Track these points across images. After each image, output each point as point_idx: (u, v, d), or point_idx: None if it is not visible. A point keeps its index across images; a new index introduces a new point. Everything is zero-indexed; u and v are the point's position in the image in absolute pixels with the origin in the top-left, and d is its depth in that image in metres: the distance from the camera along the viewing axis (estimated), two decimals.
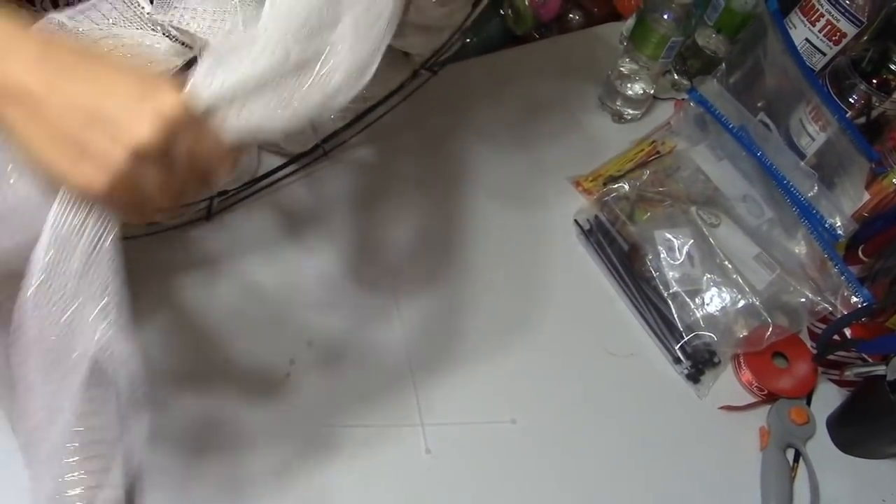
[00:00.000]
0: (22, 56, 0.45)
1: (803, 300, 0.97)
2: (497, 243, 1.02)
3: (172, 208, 0.50)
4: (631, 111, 1.16)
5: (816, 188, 1.01)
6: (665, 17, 1.08)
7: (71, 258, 0.49)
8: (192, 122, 0.48)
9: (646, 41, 1.10)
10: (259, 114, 0.51)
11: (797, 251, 1.00)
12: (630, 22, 1.20)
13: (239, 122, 0.50)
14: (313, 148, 1.00)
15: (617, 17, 1.33)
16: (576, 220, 1.05)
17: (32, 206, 0.49)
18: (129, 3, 0.60)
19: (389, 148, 1.06)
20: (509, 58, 1.21)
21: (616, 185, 1.05)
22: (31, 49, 0.46)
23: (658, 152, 1.11)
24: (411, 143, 1.07)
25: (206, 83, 0.49)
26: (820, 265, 0.98)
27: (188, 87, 0.49)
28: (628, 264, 1.00)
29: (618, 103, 1.16)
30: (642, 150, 1.11)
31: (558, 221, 1.06)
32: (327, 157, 1.02)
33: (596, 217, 1.04)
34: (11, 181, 0.49)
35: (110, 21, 0.59)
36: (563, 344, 0.96)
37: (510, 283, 0.99)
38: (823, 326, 0.97)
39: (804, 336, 0.99)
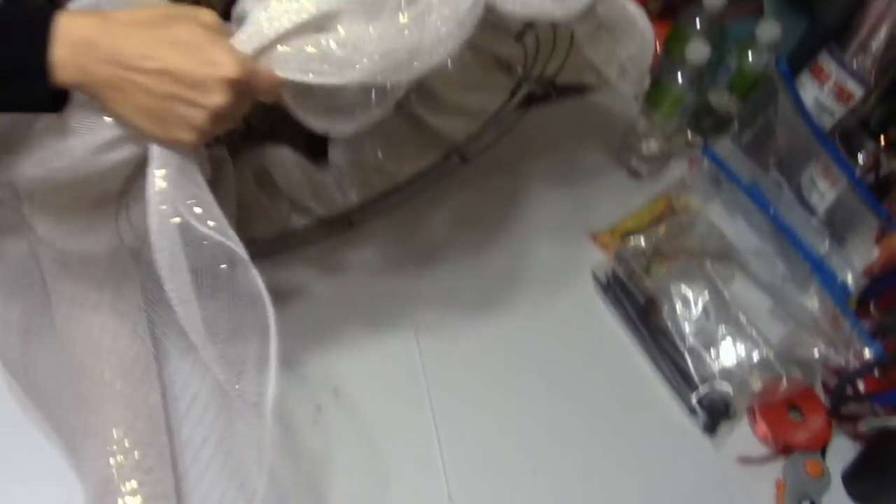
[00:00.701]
0: (128, 29, 0.58)
1: (817, 353, 0.99)
2: (518, 295, 1.05)
3: None
4: (647, 168, 1.20)
5: (828, 244, 1.04)
6: (679, 78, 1.13)
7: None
8: (252, 76, 0.60)
9: (661, 101, 1.14)
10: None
11: (810, 305, 1.03)
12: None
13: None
14: (340, 216, 1.04)
15: None
16: (594, 274, 1.08)
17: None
18: None
19: (411, 207, 1.10)
20: (530, 115, 1.25)
21: (633, 240, 1.09)
22: (133, 23, 0.58)
23: (673, 208, 1.14)
24: (432, 198, 1.11)
25: (259, 25, 0.60)
26: (832, 319, 1.01)
27: (244, 39, 0.60)
28: (645, 317, 1.03)
29: (634, 160, 1.20)
30: (658, 205, 1.15)
31: (577, 274, 1.09)
32: (352, 225, 1.06)
33: (613, 271, 1.07)
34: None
35: None
36: (581, 395, 0.98)
37: (531, 334, 1.02)
38: (837, 379, 0.99)
39: (818, 389, 1.01)
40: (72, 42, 0.57)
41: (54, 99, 0.59)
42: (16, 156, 0.66)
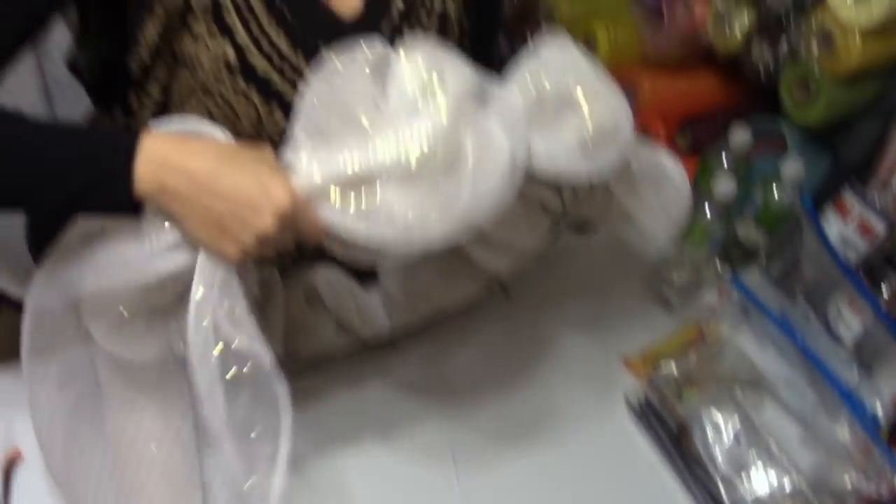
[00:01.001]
0: (202, 154, 0.67)
1: (849, 483, 0.99)
2: (551, 419, 1.08)
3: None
4: (677, 297, 1.24)
5: (857, 374, 1.06)
6: (707, 211, 1.18)
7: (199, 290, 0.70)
8: (300, 214, 0.68)
9: (690, 233, 1.19)
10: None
11: (841, 435, 1.04)
12: None
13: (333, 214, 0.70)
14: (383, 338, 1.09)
15: None
16: (626, 399, 1.11)
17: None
18: None
19: (448, 327, 1.14)
20: (565, 243, 1.31)
21: (664, 366, 1.12)
22: (207, 150, 0.68)
23: (704, 335, 1.17)
24: (469, 320, 1.16)
25: (310, 173, 0.68)
26: (864, 449, 1.02)
27: (299, 176, 0.68)
28: (678, 443, 1.05)
29: (665, 289, 1.24)
30: (689, 333, 1.18)
31: (610, 400, 1.11)
32: (395, 347, 1.11)
33: (646, 396, 1.10)
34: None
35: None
36: None
37: (565, 458, 1.04)
38: None
39: None
40: (152, 159, 0.67)
41: (133, 205, 0.69)
42: (85, 268, 0.74)
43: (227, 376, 0.71)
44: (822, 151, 1.33)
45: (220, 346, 0.71)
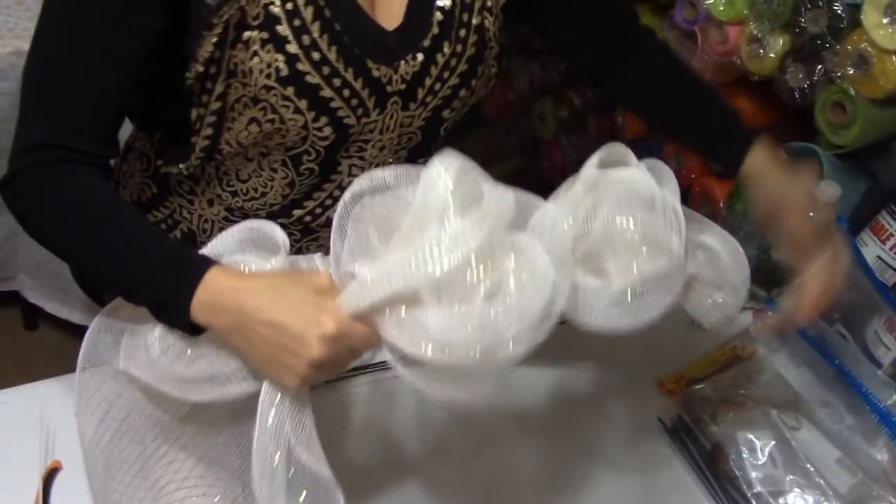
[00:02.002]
0: (253, 292, 0.72)
1: None
2: (587, 439, 1.08)
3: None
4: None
5: (895, 397, 1.05)
6: (742, 233, 1.18)
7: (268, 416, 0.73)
8: (347, 332, 0.70)
9: None
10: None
11: (879, 458, 1.03)
12: None
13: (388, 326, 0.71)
14: None
15: None
16: (660, 419, 1.10)
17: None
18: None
19: None
20: None
21: (699, 387, 1.11)
22: (260, 286, 0.73)
23: (739, 357, 1.17)
24: None
25: (358, 294, 0.70)
26: None
27: (344, 301, 0.70)
28: (712, 463, 1.04)
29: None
30: (723, 354, 1.18)
31: (644, 420, 1.11)
32: None
33: (679, 416, 1.09)
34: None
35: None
36: None
37: (599, 478, 1.04)
38: None
39: None
40: (210, 293, 0.73)
41: (195, 329, 0.75)
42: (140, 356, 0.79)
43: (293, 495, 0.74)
44: (858, 174, 1.33)
45: (287, 465, 0.73)
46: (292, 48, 0.81)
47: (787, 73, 1.29)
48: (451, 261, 0.67)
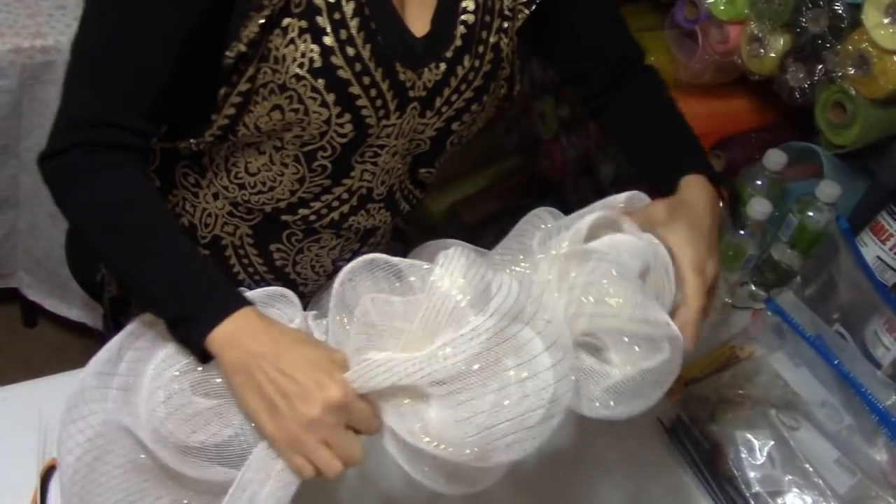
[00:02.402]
0: (278, 339, 0.72)
1: None
2: (584, 438, 1.07)
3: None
4: (711, 318, 1.24)
5: (894, 397, 1.05)
6: (741, 233, 1.18)
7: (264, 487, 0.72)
8: (349, 404, 0.70)
9: (724, 254, 1.19)
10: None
11: (878, 458, 1.03)
12: None
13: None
14: None
15: None
16: (659, 419, 1.10)
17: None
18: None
19: None
20: None
21: (698, 387, 1.11)
22: (285, 337, 0.73)
23: (737, 357, 1.17)
24: None
25: (366, 374, 0.69)
26: None
27: (351, 377, 0.70)
28: (711, 463, 1.04)
29: None
30: (722, 353, 1.18)
31: (642, 420, 1.10)
32: None
33: (678, 416, 1.09)
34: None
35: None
36: None
37: (597, 478, 1.04)
38: None
39: None
40: (237, 327, 0.73)
41: (203, 352, 0.74)
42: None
43: None
44: (858, 174, 1.33)
45: None
46: (329, 40, 0.81)
47: (787, 73, 1.29)
48: (457, 361, 0.67)
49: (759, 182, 1.27)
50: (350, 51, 0.83)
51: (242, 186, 0.96)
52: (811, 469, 1.01)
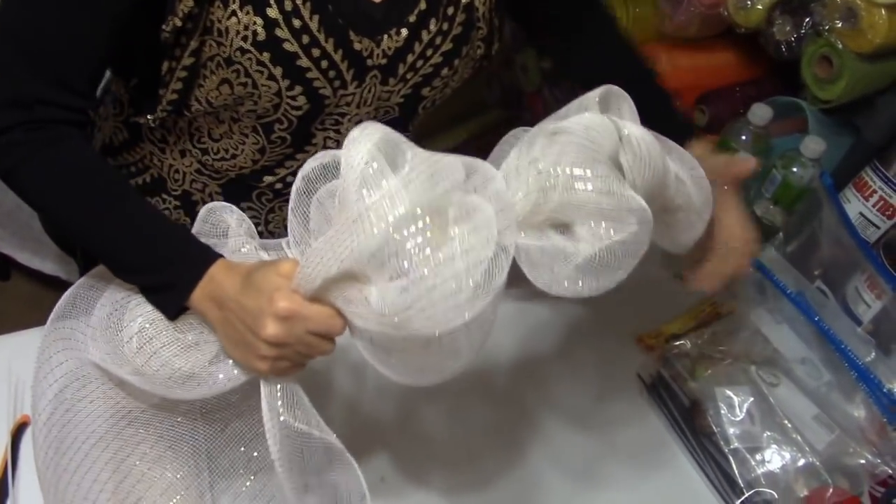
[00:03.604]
0: (232, 281, 0.73)
1: (863, 462, 0.99)
2: (564, 396, 1.07)
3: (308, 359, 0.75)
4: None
5: (874, 354, 1.05)
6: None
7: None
8: (299, 312, 0.69)
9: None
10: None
11: (856, 414, 1.03)
12: None
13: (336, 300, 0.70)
14: None
15: None
16: (639, 375, 1.10)
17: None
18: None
19: None
20: None
21: (678, 343, 1.11)
22: (238, 276, 0.74)
23: (718, 313, 1.16)
24: None
25: (305, 273, 0.68)
26: (879, 429, 1.01)
27: (295, 282, 0.69)
28: (690, 419, 1.04)
29: (680, 265, 1.23)
30: (703, 310, 1.17)
31: (622, 376, 1.11)
32: None
33: (658, 372, 1.09)
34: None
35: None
36: (626, 496, 0.99)
37: (576, 434, 1.04)
38: (883, 490, 0.98)
39: (865, 499, 1.00)
40: (212, 286, 0.74)
41: (181, 311, 0.78)
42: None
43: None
44: (843, 130, 1.31)
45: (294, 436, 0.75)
46: (272, 12, 0.78)
47: (774, 26, 1.26)
48: (377, 232, 0.64)
49: (743, 137, 1.25)
50: (296, 22, 0.79)
51: (206, 151, 0.94)
52: (790, 425, 1.01)
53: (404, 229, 0.64)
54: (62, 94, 0.77)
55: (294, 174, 0.94)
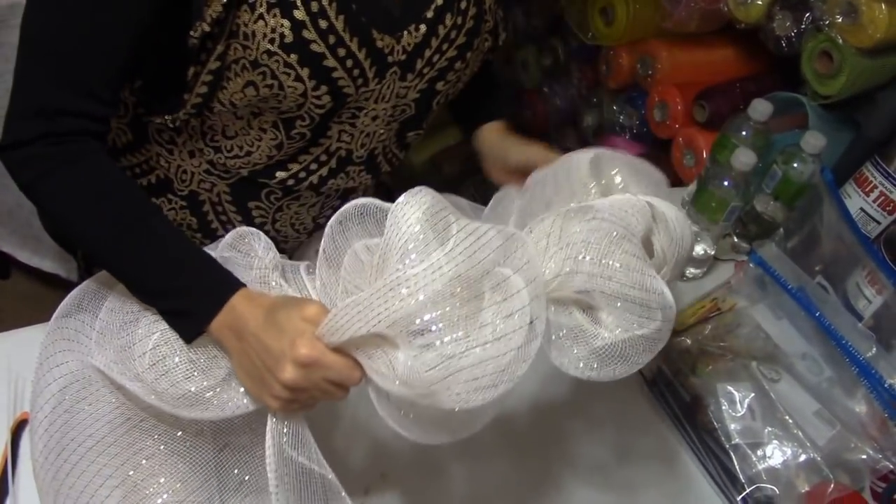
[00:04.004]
0: (255, 315, 0.73)
1: (864, 458, 0.98)
2: (564, 391, 1.07)
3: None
4: (693, 270, 1.23)
5: (875, 349, 1.05)
6: (725, 184, 1.17)
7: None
8: (320, 361, 0.70)
9: (707, 206, 1.18)
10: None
11: (857, 409, 1.03)
12: (692, 187, 1.28)
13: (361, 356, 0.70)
14: None
15: (679, 182, 1.42)
16: (640, 371, 1.10)
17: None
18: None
19: None
20: None
21: (679, 339, 1.10)
22: (261, 310, 0.73)
23: (719, 309, 1.16)
24: None
25: (333, 324, 0.69)
26: (880, 424, 1.01)
27: (320, 331, 0.70)
28: (691, 415, 1.04)
29: None
30: (704, 306, 1.17)
31: None
32: None
33: (659, 368, 1.09)
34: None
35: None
36: (627, 491, 0.98)
37: (576, 430, 1.03)
38: (884, 485, 0.98)
39: (867, 495, 1.00)
40: (232, 317, 0.74)
41: (195, 336, 0.77)
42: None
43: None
44: (843, 125, 1.31)
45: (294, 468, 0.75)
46: (300, 14, 0.78)
47: (774, 21, 1.26)
48: (413, 304, 0.65)
49: (743, 132, 1.25)
50: (322, 23, 0.80)
51: (218, 150, 0.94)
52: (791, 421, 1.01)
53: (441, 308, 0.65)
54: (86, 102, 0.77)
55: (306, 170, 0.95)
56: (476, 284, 0.67)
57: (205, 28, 0.77)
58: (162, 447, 0.82)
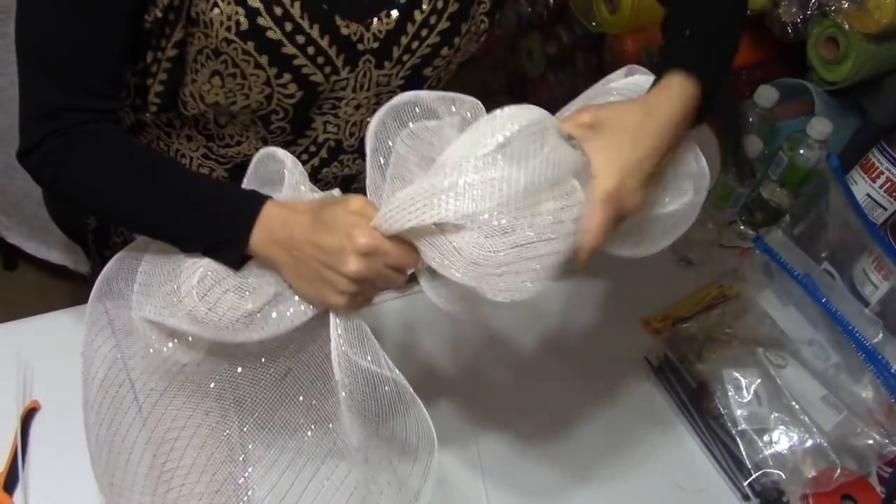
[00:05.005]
0: (297, 220, 0.74)
1: (871, 443, 0.99)
2: (572, 379, 1.07)
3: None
4: (699, 256, 1.23)
5: (881, 335, 1.05)
6: (734, 170, 1.16)
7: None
8: (380, 248, 0.71)
9: (713, 192, 1.17)
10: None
11: (864, 395, 1.03)
12: None
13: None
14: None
15: None
16: (646, 358, 1.10)
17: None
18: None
19: None
20: None
21: (685, 326, 1.11)
22: (304, 215, 0.74)
23: (725, 296, 1.16)
24: None
25: (389, 216, 0.70)
26: (887, 410, 1.01)
27: (377, 220, 0.71)
28: (697, 401, 1.04)
29: (687, 248, 1.23)
30: (710, 293, 1.17)
31: (630, 359, 1.11)
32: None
33: (665, 355, 1.09)
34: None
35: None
36: (634, 478, 0.99)
37: (584, 417, 1.04)
38: (891, 470, 0.98)
39: (873, 480, 1.01)
40: (265, 228, 0.75)
41: (245, 260, 0.78)
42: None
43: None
44: (850, 111, 1.31)
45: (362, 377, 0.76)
46: (253, 2, 0.77)
47: (780, 7, 1.26)
48: (484, 197, 0.67)
49: (750, 119, 1.25)
50: (277, 10, 0.79)
51: (211, 138, 0.94)
52: (797, 406, 1.01)
53: (512, 208, 0.67)
54: (83, 98, 0.78)
55: (298, 160, 0.95)
56: (548, 190, 0.70)
57: (157, 13, 0.77)
58: (224, 390, 0.84)
